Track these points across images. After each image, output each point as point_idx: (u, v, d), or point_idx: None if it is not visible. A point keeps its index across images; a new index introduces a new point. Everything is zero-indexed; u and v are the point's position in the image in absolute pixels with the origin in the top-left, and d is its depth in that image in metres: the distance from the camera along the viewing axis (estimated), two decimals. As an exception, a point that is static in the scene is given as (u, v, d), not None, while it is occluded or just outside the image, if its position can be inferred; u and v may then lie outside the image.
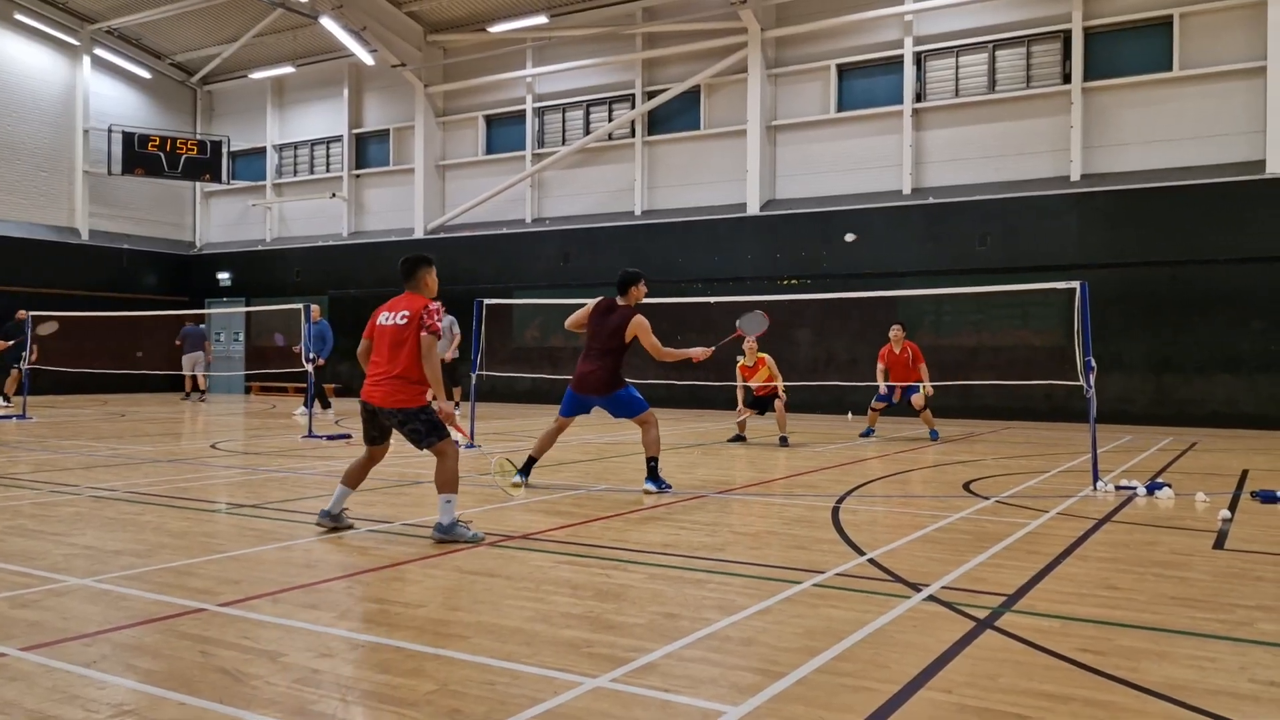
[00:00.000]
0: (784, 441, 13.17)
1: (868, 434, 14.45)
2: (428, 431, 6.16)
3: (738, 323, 11.24)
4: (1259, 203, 16.31)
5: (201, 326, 23.30)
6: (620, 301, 8.49)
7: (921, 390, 14.07)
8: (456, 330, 17.63)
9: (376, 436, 6.42)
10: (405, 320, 6.19)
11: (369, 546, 5.94)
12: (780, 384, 13.54)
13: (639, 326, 8.29)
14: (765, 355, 13.53)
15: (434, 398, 6.23)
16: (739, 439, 13.55)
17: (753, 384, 13.48)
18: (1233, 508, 7.62)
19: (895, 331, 14.20)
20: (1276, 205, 16.19)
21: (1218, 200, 16.57)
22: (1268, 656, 3.87)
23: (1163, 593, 4.91)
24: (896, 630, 4.17)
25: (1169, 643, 4.05)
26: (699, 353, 8.64)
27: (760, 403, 13.73)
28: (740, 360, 13.58)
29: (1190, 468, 10.60)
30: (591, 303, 8.58)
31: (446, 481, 6.09)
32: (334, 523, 6.38)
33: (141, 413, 18.78)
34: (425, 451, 6.25)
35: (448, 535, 6.00)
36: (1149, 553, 5.94)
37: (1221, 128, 17.04)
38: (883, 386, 14.12)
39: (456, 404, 17.92)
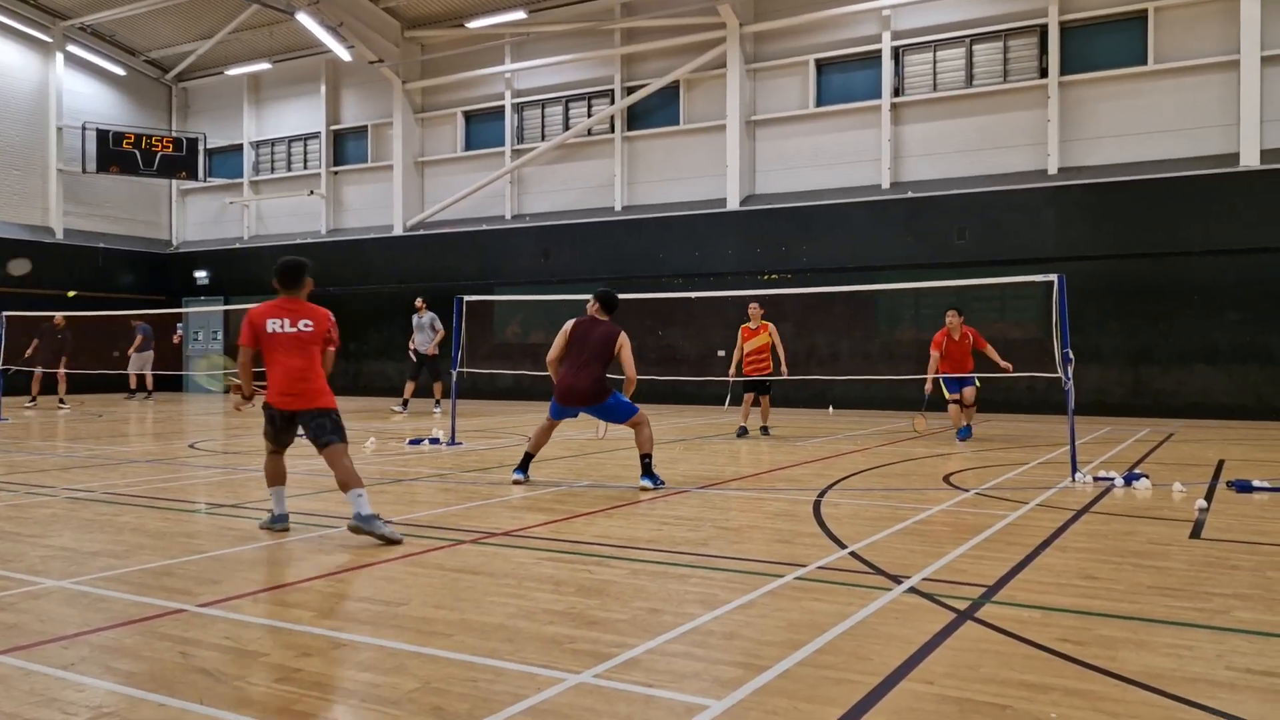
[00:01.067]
0: (765, 431, 13.62)
1: (964, 434, 12.83)
2: (333, 429, 6.24)
3: None
4: (1233, 195, 16.47)
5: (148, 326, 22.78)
6: (602, 318, 8.72)
7: (975, 382, 12.98)
8: (439, 326, 17.62)
9: (288, 440, 6.44)
10: (310, 330, 6.32)
11: (350, 545, 5.91)
12: (782, 353, 13.53)
13: (625, 343, 8.57)
14: (769, 323, 13.56)
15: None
16: (744, 432, 13.67)
17: (749, 346, 13.44)
18: (1209, 498, 7.69)
19: (952, 317, 12.92)
20: (1250, 198, 16.35)
21: (1193, 193, 16.72)
22: (1244, 644, 3.91)
23: (1141, 582, 4.95)
24: (878, 622, 4.19)
25: (1147, 632, 4.09)
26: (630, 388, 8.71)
27: (752, 386, 13.62)
28: (745, 323, 13.68)
29: (1167, 458, 10.70)
30: (567, 326, 8.68)
31: (350, 478, 6.08)
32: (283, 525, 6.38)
33: (119, 413, 18.62)
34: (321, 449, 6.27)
35: (366, 525, 5.90)
36: (1127, 543, 5.99)
37: (1196, 121, 17.19)
38: (934, 379, 12.94)
39: (438, 400, 17.89)
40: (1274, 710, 3.18)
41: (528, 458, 8.73)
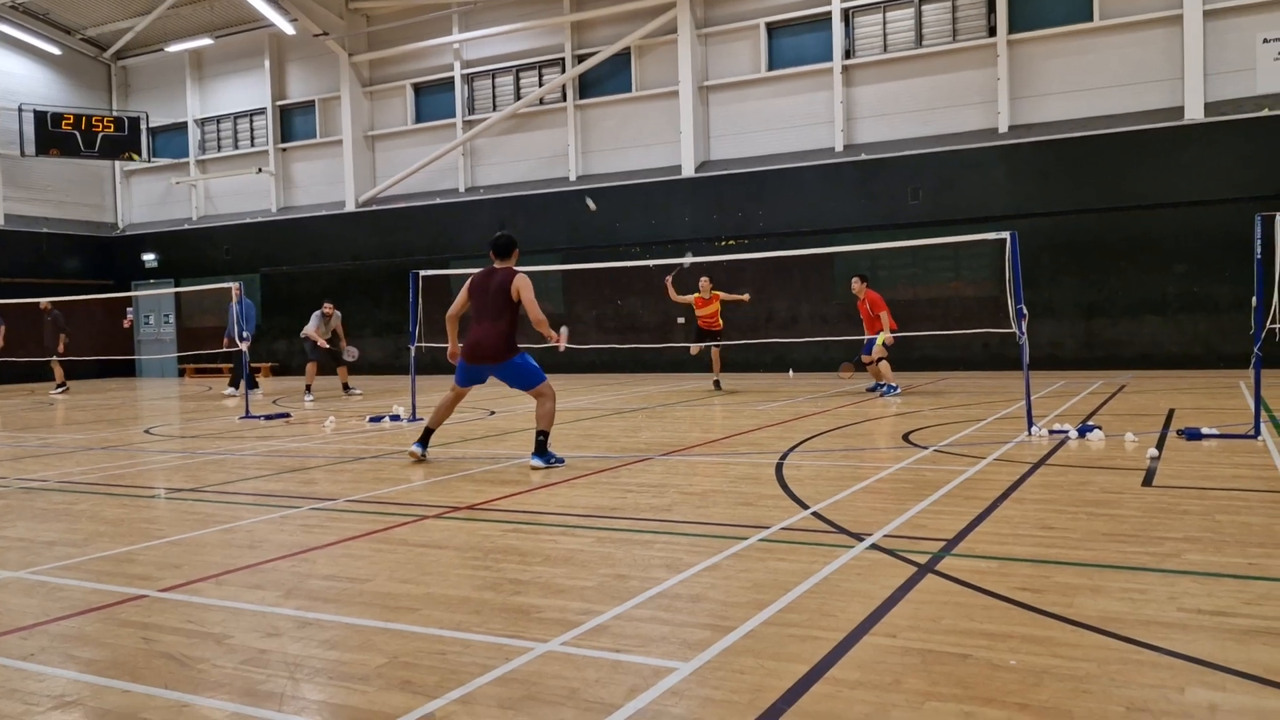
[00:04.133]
0: (718, 385, 15.36)
1: (879, 389, 13.84)
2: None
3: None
4: (1178, 148, 16.72)
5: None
6: (499, 265, 8.11)
7: (879, 340, 13.71)
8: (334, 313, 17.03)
9: None
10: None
11: (314, 525, 5.87)
12: (732, 296, 15.42)
13: (523, 284, 7.89)
14: (720, 293, 15.31)
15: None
16: (718, 386, 15.58)
17: (703, 312, 15.32)
18: (1160, 446, 7.87)
19: (856, 283, 14.12)
20: (1195, 150, 16.62)
21: (1139, 147, 16.96)
22: (1195, 585, 4.02)
23: (1095, 530, 5.06)
24: (841, 579, 4.25)
25: (1102, 577, 4.19)
26: (560, 336, 8.04)
27: (704, 336, 15.49)
28: (697, 294, 15.37)
29: (1120, 409, 10.92)
30: (466, 284, 8.18)
31: None
32: None
33: (71, 400, 18.29)
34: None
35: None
36: (1082, 493, 6.12)
37: (1141, 76, 17.40)
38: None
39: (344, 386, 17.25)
40: (1223, 648, 3.28)
41: (428, 432, 8.33)
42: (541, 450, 7.78)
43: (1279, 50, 16.50)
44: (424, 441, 8.30)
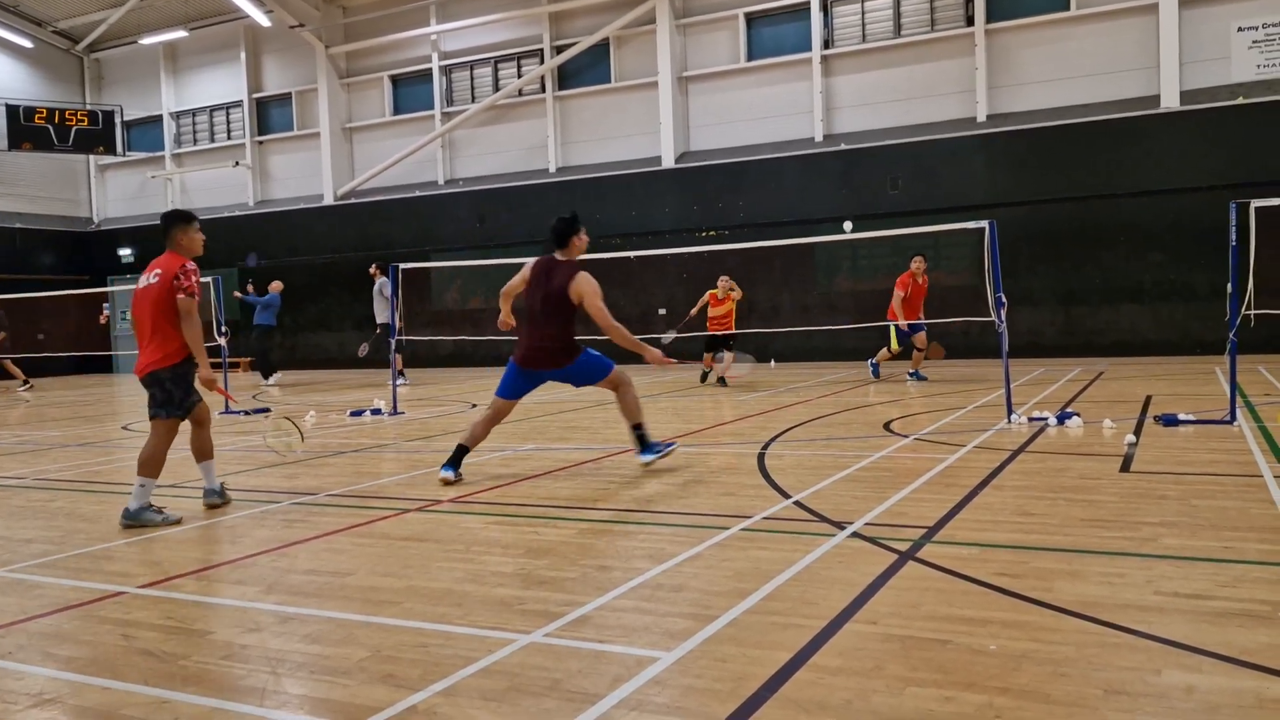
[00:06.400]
0: (723, 382, 14.75)
1: (917, 376, 14.11)
2: (163, 401, 5.84)
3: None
4: (1154, 137, 16.84)
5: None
6: (560, 257, 7.03)
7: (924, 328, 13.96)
8: (386, 293, 17.15)
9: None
10: (157, 279, 5.88)
11: (295, 519, 5.84)
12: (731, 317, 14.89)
13: (585, 286, 6.78)
14: (737, 294, 14.85)
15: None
16: (706, 376, 15.12)
17: (715, 311, 14.73)
18: (1138, 432, 7.94)
19: (919, 263, 13.89)
20: (1171, 139, 16.74)
21: (1116, 136, 17.07)
22: (1171, 569, 4.06)
23: (1074, 516, 5.10)
24: (823, 567, 4.27)
25: (1080, 562, 4.23)
26: (655, 356, 6.92)
27: (714, 342, 14.91)
28: (712, 290, 14.80)
29: (1098, 396, 11.00)
30: (528, 264, 7.15)
31: (144, 463, 5.76)
32: (212, 500, 6.19)
33: (46, 397, 18.11)
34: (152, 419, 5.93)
35: (135, 519, 5.68)
36: (1060, 479, 6.17)
37: (1117, 65, 17.51)
38: (904, 323, 13.72)
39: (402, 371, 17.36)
40: (1199, 630, 3.32)
41: (462, 450, 6.94)
42: (645, 443, 7.04)
43: (1253, 39, 16.64)
44: (455, 463, 6.89)
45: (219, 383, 6.01)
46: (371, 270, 17.78)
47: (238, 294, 19.69)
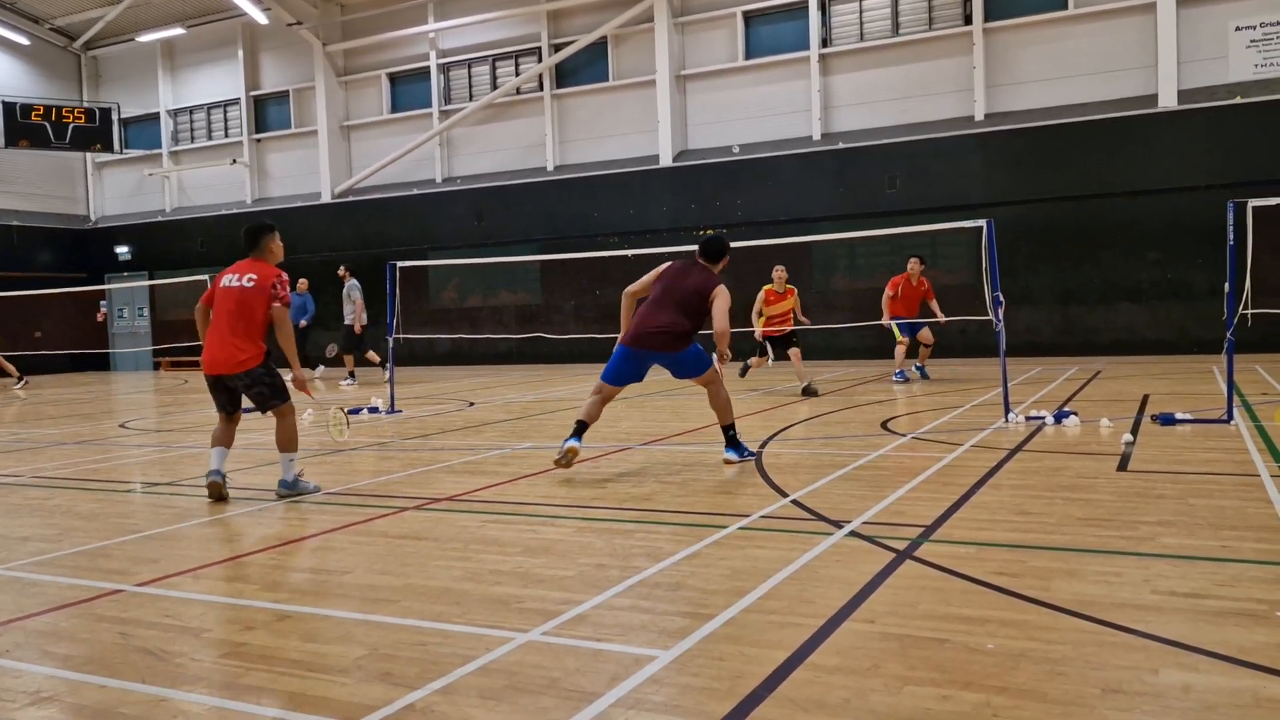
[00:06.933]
0: (809, 391, 12.26)
1: (901, 377, 13.73)
2: (272, 394, 6.41)
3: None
4: (1152, 136, 16.85)
5: None
6: (703, 264, 7.35)
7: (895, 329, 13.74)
8: (356, 296, 17.16)
9: (228, 402, 6.55)
10: (252, 284, 6.27)
11: (292, 517, 5.84)
12: (797, 312, 13.45)
13: (723, 295, 7.09)
14: (793, 286, 13.54)
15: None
16: (747, 369, 14.22)
17: (773, 311, 13.24)
18: (1135, 431, 7.95)
19: (914, 264, 13.64)
20: (1168, 138, 16.75)
21: (1113, 135, 17.07)
22: (1169, 568, 4.06)
23: (1071, 514, 5.11)
24: (820, 566, 4.27)
25: (1078, 561, 4.23)
26: (726, 354, 7.17)
27: (775, 343, 13.31)
28: (769, 285, 13.39)
29: (1095, 395, 11.01)
30: (659, 268, 7.45)
31: (289, 441, 6.42)
32: (213, 479, 6.41)
33: (44, 395, 18.09)
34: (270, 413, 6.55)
35: (292, 490, 6.36)
36: (1058, 478, 6.17)
37: (1115, 64, 17.51)
38: (887, 321, 13.51)
39: (383, 364, 17.40)
40: (1197, 629, 3.32)
41: (582, 425, 7.06)
42: (734, 443, 7.21)
43: (1251, 38, 16.65)
44: (578, 434, 7.00)
45: (307, 385, 6.73)
46: (340, 272, 17.67)
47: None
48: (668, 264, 7.45)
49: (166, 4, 25.59)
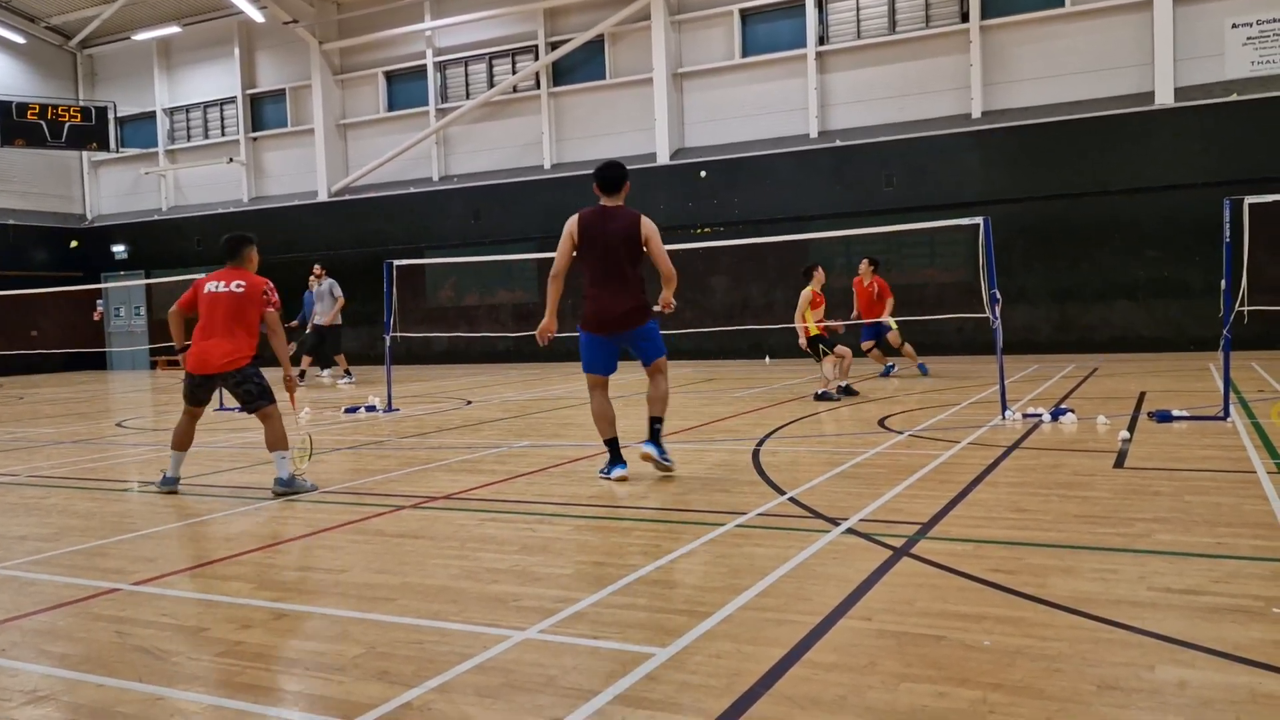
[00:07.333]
0: (850, 390, 11.75)
1: (887, 372, 14.37)
2: (259, 394, 6.55)
3: None
4: (1149, 133, 16.86)
5: None
6: (608, 203, 6.58)
7: (894, 329, 13.92)
8: (339, 293, 17.01)
9: (204, 399, 6.82)
10: (242, 290, 6.55)
11: (289, 516, 5.84)
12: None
13: (653, 229, 6.35)
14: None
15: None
16: (848, 392, 11.69)
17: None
18: (1131, 428, 7.96)
19: (863, 266, 14.00)
20: (1165, 136, 16.76)
21: (1110, 132, 17.09)
22: (1164, 565, 4.07)
23: (1068, 511, 5.12)
24: (817, 563, 4.27)
25: (1074, 558, 4.24)
26: (671, 302, 6.64)
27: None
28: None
29: (1092, 392, 11.02)
30: (570, 225, 6.55)
31: (278, 440, 6.51)
32: (173, 487, 6.71)
33: (41, 394, 18.06)
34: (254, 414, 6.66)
35: (289, 488, 6.44)
36: (1054, 475, 6.18)
37: (1112, 61, 17.52)
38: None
39: (346, 371, 17.35)
40: (1193, 626, 3.33)
41: (612, 444, 6.54)
42: (655, 438, 6.56)
43: (1247, 35, 16.66)
44: (615, 458, 6.58)
45: (297, 386, 6.94)
46: (316, 270, 17.29)
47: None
48: (575, 220, 6.55)
49: (162, 2, 25.56)
